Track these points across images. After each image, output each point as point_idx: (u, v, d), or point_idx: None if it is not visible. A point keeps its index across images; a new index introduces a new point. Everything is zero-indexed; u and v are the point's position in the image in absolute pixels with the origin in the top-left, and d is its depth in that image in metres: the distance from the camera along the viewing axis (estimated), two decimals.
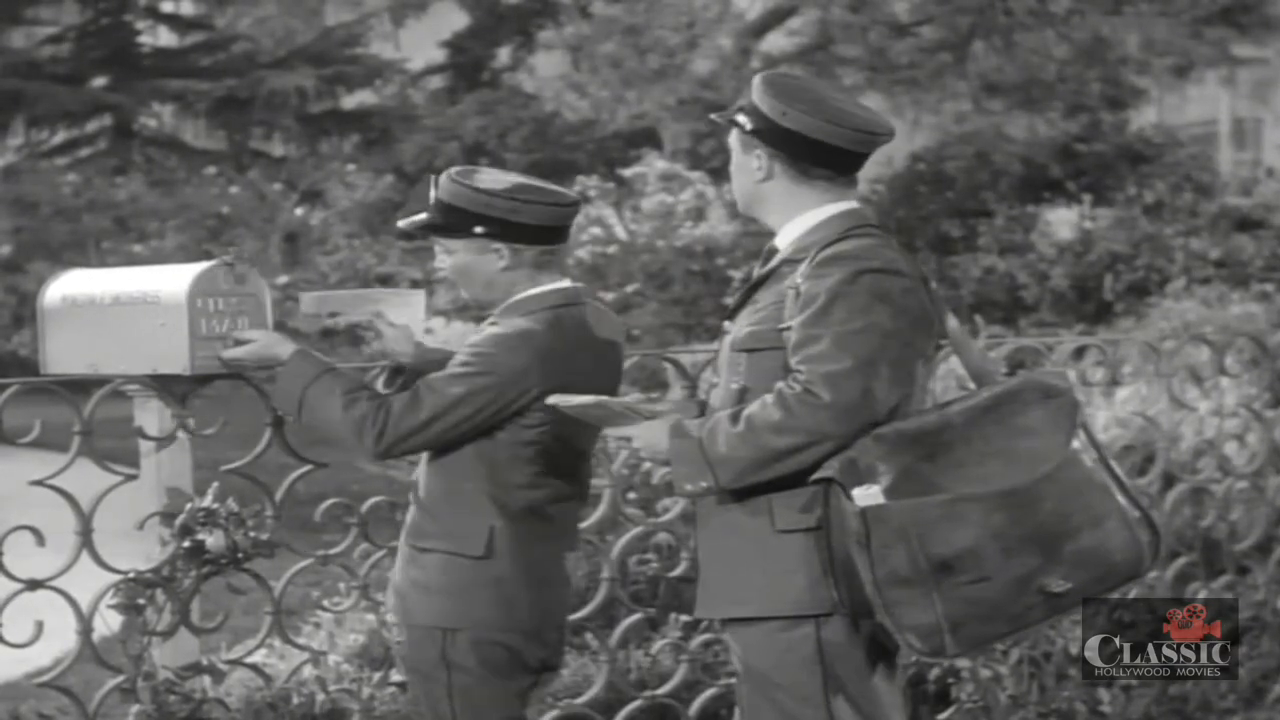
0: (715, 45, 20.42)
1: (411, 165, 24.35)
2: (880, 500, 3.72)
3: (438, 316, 17.82)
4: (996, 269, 18.37)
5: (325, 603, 5.67)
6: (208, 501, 4.78)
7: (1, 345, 20.73)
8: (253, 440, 4.93)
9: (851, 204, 4.04)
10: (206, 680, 4.87)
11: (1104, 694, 6.17)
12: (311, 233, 22.17)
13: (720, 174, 18.46)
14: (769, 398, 3.83)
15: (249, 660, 5.22)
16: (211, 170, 24.46)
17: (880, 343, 3.81)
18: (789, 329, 3.87)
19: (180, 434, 4.88)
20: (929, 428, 3.81)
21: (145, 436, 4.88)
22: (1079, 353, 7.09)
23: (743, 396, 3.93)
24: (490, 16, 28.51)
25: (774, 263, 4.03)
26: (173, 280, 4.56)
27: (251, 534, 4.78)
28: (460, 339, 4.71)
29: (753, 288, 4.05)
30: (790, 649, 3.91)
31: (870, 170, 22.79)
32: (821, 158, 3.98)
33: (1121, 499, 3.82)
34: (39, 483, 4.78)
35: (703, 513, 4.06)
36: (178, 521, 4.76)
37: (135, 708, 4.80)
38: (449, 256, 4.34)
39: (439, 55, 29.44)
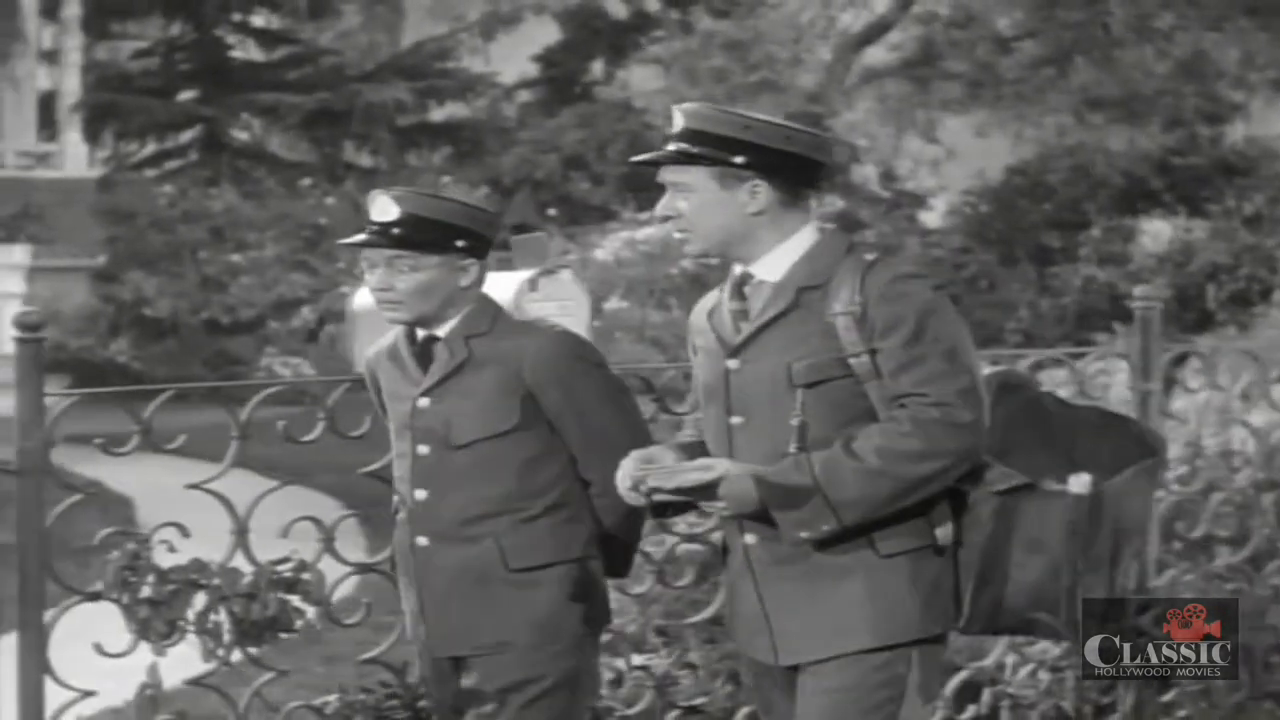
0: (819, 59, 20.41)
1: (509, 177, 24.33)
2: (1089, 488, 3.72)
3: None
4: (1096, 279, 18.48)
5: None
6: None
7: (99, 353, 20.92)
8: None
9: (816, 224, 3.95)
10: None
11: None
12: None
13: None
14: (897, 427, 3.72)
15: None
16: (306, 182, 24.58)
17: (971, 353, 3.81)
18: (859, 356, 3.77)
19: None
20: None
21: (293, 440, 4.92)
22: (1180, 359, 6.99)
23: (804, 432, 3.78)
24: (585, 31, 28.52)
25: (788, 295, 3.85)
26: (491, 287, 4.50)
27: None
28: None
29: (767, 323, 3.87)
30: (880, 669, 3.80)
31: (963, 183, 22.82)
32: (814, 178, 3.94)
33: None
34: (196, 486, 4.83)
35: (775, 556, 3.86)
36: None
37: None
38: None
39: (529, 69, 29.52)
